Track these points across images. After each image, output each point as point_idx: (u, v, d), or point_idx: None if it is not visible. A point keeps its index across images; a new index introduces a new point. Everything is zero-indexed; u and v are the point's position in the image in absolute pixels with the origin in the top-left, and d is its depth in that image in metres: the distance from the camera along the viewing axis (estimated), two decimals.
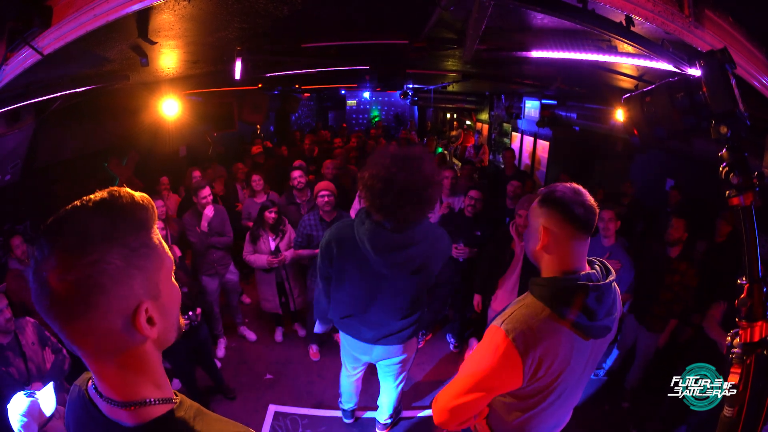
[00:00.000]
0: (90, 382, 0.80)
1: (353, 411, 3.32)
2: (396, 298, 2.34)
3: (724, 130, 1.05)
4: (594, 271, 1.41)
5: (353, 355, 2.78)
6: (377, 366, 2.82)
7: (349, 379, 3.03)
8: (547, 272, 1.43)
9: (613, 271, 1.45)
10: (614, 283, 1.46)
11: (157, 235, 0.77)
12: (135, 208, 0.73)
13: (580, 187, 1.40)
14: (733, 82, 1.05)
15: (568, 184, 1.41)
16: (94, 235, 0.67)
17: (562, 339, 1.35)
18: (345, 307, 2.46)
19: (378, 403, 3.10)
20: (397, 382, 2.85)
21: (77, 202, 0.71)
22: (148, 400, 0.75)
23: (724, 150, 1.09)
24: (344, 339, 2.72)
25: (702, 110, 1.11)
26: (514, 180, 4.66)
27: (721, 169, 1.11)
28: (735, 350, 1.14)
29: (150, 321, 0.73)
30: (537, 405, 1.48)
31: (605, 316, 1.39)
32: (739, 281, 1.10)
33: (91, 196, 0.72)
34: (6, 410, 2.16)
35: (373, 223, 2.11)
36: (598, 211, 1.39)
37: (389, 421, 3.14)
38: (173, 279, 0.81)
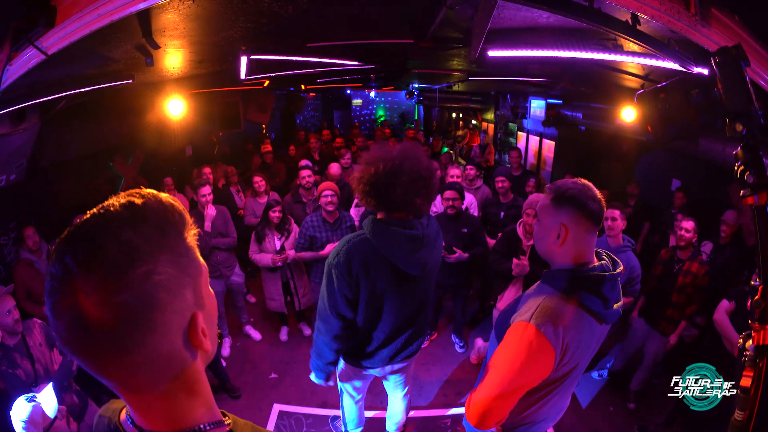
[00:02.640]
0: (124, 414, 0.68)
1: None
2: (414, 303, 2.14)
3: (739, 127, 1.03)
4: (604, 261, 1.50)
5: (355, 381, 2.52)
6: (387, 379, 2.60)
7: (357, 404, 2.69)
8: (562, 265, 1.49)
9: (620, 262, 1.53)
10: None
11: (192, 238, 0.68)
12: (170, 210, 0.64)
13: (586, 181, 1.48)
14: (748, 79, 1.02)
15: (574, 180, 1.48)
16: (139, 243, 0.56)
17: (584, 325, 1.42)
18: (377, 335, 2.15)
19: (387, 415, 2.96)
20: (405, 391, 2.71)
21: (99, 209, 0.59)
22: (200, 427, 0.66)
23: (738, 148, 1.06)
24: (349, 368, 2.41)
25: (717, 107, 1.09)
26: (500, 176, 4.55)
27: (736, 167, 1.08)
28: (747, 353, 1.12)
29: (203, 333, 0.65)
30: (550, 393, 1.52)
31: (615, 303, 1.48)
32: (752, 282, 1.08)
33: (115, 201, 0.60)
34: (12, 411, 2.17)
35: (393, 227, 1.92)
36: (604, 202, 1.47)
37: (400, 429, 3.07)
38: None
